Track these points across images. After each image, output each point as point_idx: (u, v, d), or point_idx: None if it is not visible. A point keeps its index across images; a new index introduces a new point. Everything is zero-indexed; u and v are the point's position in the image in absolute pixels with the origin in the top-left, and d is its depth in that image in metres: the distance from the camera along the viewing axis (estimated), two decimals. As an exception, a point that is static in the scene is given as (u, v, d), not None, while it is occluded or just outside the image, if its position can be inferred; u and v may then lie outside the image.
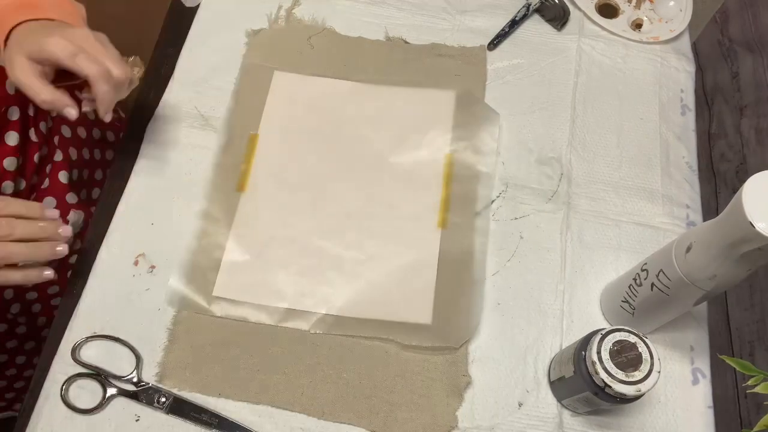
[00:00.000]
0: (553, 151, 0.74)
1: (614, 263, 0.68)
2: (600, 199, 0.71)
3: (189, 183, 0.68)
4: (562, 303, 0.65)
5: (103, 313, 0.62)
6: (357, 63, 0.77)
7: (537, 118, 0.76)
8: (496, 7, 0.83)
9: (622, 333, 0.52)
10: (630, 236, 0.69)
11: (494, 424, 0.60)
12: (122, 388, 0.59)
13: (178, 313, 0.62)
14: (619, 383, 0.51)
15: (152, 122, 0.72)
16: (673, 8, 0.84)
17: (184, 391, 0.59)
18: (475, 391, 0.61)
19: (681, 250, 0.52)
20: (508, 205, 0.70)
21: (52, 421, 0.57)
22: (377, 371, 0.61)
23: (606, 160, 0.74)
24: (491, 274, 0.66)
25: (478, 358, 0.62)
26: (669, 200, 0.72)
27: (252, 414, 0.59)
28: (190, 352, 0.61)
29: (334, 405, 0.59)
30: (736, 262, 0.48)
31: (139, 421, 0.58)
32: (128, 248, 0.65)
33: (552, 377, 0.61)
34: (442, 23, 0.81)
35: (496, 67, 0.79)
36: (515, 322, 0.64)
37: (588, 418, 0.60)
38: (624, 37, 0.82)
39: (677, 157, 0.75)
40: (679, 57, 0.81)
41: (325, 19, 0.80)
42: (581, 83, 0.78)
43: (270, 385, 0.60)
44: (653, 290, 0.56)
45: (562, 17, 0.82)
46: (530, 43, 0.81)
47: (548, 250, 0.68)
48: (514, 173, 0.72)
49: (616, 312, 0.63)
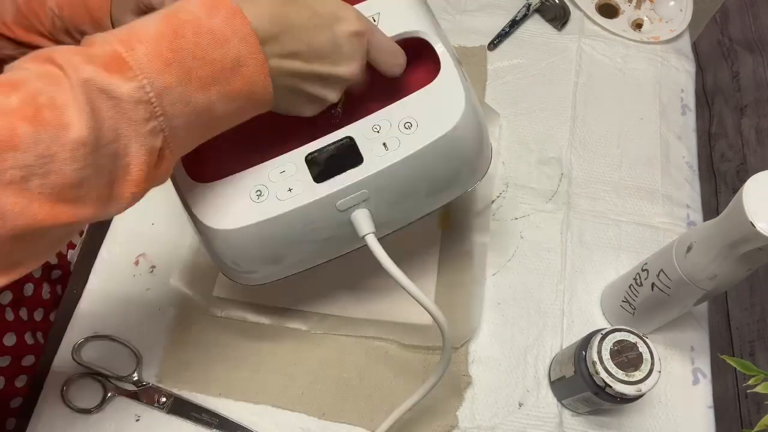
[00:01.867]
0: (554, 151, 0.74)
1: (614, 263, 0.68)
2: (600, 199, 0.71)
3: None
4: (563, 303, 0.65)
5: (103, 313, 0.62)
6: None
7: (537, 118, 0.76)
8: (496, 7, 0.83)
9: (623, 333, 0.52)
10: (630, 236, 0.69)
11: (494, 424, 0.60)
12: (122, 388, 0.59)
13: (178, 313, 0.62)
14: (620, 383, 0.51)
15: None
16: (673, 8, 0.84)
17: (184, 391, 0.59)
18: (475, 391, 0.61)
19: (681, 250, 0.52)
20: (508, 205, 0.70)
21: (52, 421, 0.57)
22: (377, 371, 0.61)
23: (606, 159, 0.74)
24: (491, 274, 0.66)
25: (478, 358, 0.62)
26: (669, 200, 0.72)
27: (252, 414, 0.59)
28: (190, 352, 0.61)
29: (334, 405, 0.59)
30: (736, 262, 0.48)
31: (140, 421, 0.58)
32: (129, 248, 0.65)
33: (552, 377, 0.61)
34: (442, 23, 0.81)
35: (496, 67, 0.79)
36: (515, 322, 0.64)
37: (588, 418, 0.60)
38: (624, 37, 0.82)
39: (677, 157, 0.75)
40: (679, 57, 0.81)
41: (326, 19, 0.80)
42: (581, 83, 0.78)
43: (270, 385, 0.60)
44: (653, 290, 0.56)
45: (563, 17, 0.82)
46: (530, 43, 0.81)
47: (548, 250, 0.68)
48: (515, 173, 0.72)
49: (617, 312, 0.63)
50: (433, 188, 0.49)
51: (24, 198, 0.30)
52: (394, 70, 0.45)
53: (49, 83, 0.30)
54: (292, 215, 0.44)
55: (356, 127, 0.45)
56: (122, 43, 0.32)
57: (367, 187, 0.44)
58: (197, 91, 0.34)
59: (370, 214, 0.45)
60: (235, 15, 0.34)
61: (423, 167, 0.46)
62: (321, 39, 0.39)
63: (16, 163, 0.29)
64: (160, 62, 0.33)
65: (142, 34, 0.33)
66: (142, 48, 0.32)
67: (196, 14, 0.34)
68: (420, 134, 0.44)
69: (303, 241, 0.47)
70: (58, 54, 0.31)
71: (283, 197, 0.44)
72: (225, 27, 0.34)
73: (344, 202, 0.44)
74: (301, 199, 0.44)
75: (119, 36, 0.33)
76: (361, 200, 0.45)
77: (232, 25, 0.34)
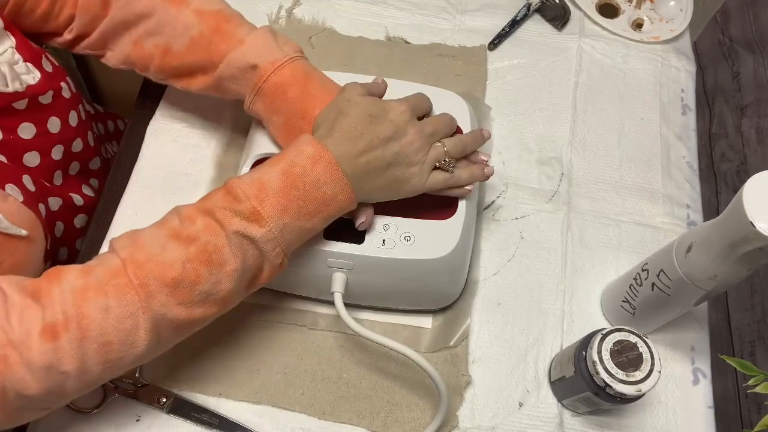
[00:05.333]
0: (554, 151, 0.74)
1: (615, 263, 0.68)
2: (600, 199, 0.71)
3: (189, 183, 0.68)
4: (563, 303, 0.65)
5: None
6: (357, 63, 0.77)
7: (537, 118, 0.76)
8: (496, 7, 0.83)
9: (623, 333, 0.52)
10: (630, 236, 0.69)
11: (495, 424, 0.60)
12: (122, 388, 0.59)
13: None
14: (620, 383, 0.51)
15: (152, 122, 0.72)
16: (673, 8, 0.84)
17: (184, 391, 0.59)
18: (475, 391, 0.61)
19: (681, 250, 0.52)
20: (509, 205, 0.70)
21: (52, 421, 0.57)
22: (378, 371, 0.61)
23: (606, 159, 0.74)
24: (491, 274, 0.66)
25: (478, 358, 0.62)
26: (669, 200, 0.72)
27: (252, 414, 0.59)
28: (190, 352, 0.61)
29: (334, 405, 0.59)
30: (736, 262, 0.48)
31: (140, 421, 0.58)
32: (128, 248, 0.65)
33: (552, 377, 0.61)
34: (443, 23, 0.81)
35: (497, 67, 0.79)
36: (516, 322, 0.64)
37: (588, 418, 0.60)
38: (624, 37, 0.82)
39: (678, 157, 0.75)
40: (679, 57, 0.81)
41: (326, 19, 0.80)
42: (582, 83, 0.78)
43: (270, 385, 0.60)
44: (654, 290, 0.56)
45: (563, 17, 0.82)
46: (531, 43, 0.81)
47: (549, 250, 0.68)
48: (515, 173, 0.72)
49: (617, 312, 0.63)
50: (400, 290, 0.60)
51: (204, 309, 0.48)
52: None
53: (213, 235, 0.46)
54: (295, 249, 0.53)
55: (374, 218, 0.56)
56: (257, 199, 0.47)
57: (354, 261, 0.55)
58: (305, 221, 0.49)
59: (345, 279, 0.56)
60: (330, 164, 0.49)
61: (401, 272, 0.57)
62: (390, 149, 0.52)
63: (202, 290, 0.46)
64: (281, 209, 0.48)
65: (269, 190, 0.48)
66: (269, 201, 0.47)
67: (304, 167, 0.49)
68: (412, 249, 0.56)
69: (293, 272, 0.56)
70: (218, 211, 0.47)
71: None
72: (324, 174, 0.49)
73: (333, 262, 0.56)
74: (307, 242, 0.53)
75: (254, 191, 0.47)
76: (345, 267, 0.56)
77: (329, 172, 0.49)
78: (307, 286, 0.62)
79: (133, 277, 0.45)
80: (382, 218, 0.56)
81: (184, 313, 0.46)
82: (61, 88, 0.62)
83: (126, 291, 0.44)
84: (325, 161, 0.49)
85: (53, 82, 0.61)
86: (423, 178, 0.54)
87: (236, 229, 0.46)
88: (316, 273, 0.57)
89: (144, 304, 0.45)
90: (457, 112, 0.61)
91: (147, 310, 0.45)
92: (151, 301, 0.45)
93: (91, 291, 0.44)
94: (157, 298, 0.45)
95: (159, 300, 0.45)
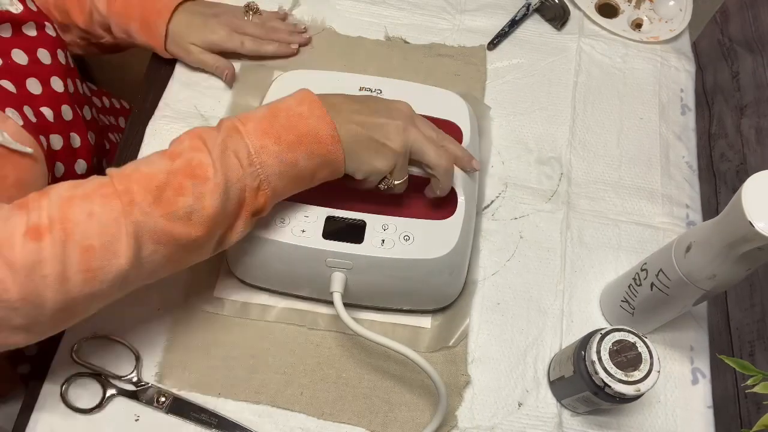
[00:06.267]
0: (553, 151, 0.74)
1: (614, 263, 0.68)
2: (600, 199, 0.71)
3: (189, 183, 0.68)
4: (562, 303, 0.65)
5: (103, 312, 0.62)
6: (357, 63, 0.77)
7: (537, 118, 0.76)
8: (496, 7, 0.83)
9: (622, 333, 0.53)
10: (630, 236, 0.69)
11: (494, 424, 0.60)
12: (122, 388, 0.59)
13: (178, 313, 0.62)
14: (619, 383, 0.51)
15: (152, 122, 0.72)
16: (673, 8, 0.84)
17: (184, 391, 0.59)
18: (474, 391, 0.61)
19: (681, 250, 0.52)
20: (508, 205, 0.70)
21: (52, 421, 0.57)
22: (377, 371, 0.61)
23: (606, 159, 0.74)
24: (491, 273, 0.66)
25: (477, 357, 0.62)
26: (669, 200, 0.72)
27: (252, 414, 0.59)
28: (190, 352, 0.61)
29: (334, 405, 0.60)
30: (735, 261, 0.48)
31: (139, 421, 0.58)
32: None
33: (552, 377, 0.61)
34: (442, 23, 0.81)
35: (496, 67, 0.79)
36: (515, 322, 0.64)
37: (588, 417, 0.60)
38: (624, 37, 0.82)
39: (677, 157, 0.75)
40: (679, 57, 0.81)
41: (325, 19, 0.80)
42: (581, 83, 0.78)
43: (270, 385, 0.60)
44: (653, 290, 0.56)
45: (562, 17, 0.82)
46: (530, 43, 0.81)
47: (548, 249, 0.68)
48: (514, 173, 0.72)
49: (616, 312, 0.63)
50: (400, 289, 0.60)
51: (186, 227, 0.47)
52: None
53: (197, 151, 0.48)
54: (294, 248, 0.56)
55: (373, 217, 0.57)
56: (239, 120, 0.49)
57: (353, 261, 0.56)
58: (286, 151, 0.49)
59: (345, 279, 0.57)
60: (314, 103, 0.51)
61: (400, 271, 0.57)
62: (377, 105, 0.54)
63: (185, 204, 0.46)
64: (260, 132, 0.49)
65: (252, 116, 0.50)
66: (251, 124, 0.49)
67: (289, 104, 0.51)
68: (411, 249, 0.56)
69: (292, 271, 0.58)
70: (204, 132, 0.49)
71: (296, 233, 0.56)
72: (307, 111, 0.50)
73: (332, 261, 0.56)
74: (306, 241, 0.55)
75: (240, 117, 0.50)
76: (345, 267, 0.56)
77: (312, 109, 0.50)
78: (306, 285, 0.62)
79: (118, 185, 0.46)
80: (381, 218, 0.57)
81: (166, 225, 0.46)
82: (45, 25, 0.63)
83: (110, 198, 0.45)
84: (309, 100, 0.51)
85: (36, 17, 0.62)
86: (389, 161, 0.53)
87: (219, 142, 0.48)
88: (316, 273, 0.57)
89: (126, 209, 0.45)
90: (457, 112, 0.61)
91: (129, 214, 0.45)
92: (134, 208, 0.45)
93: (77, 198, 0.45)
94: (139, 206, 0.45)
95: (141, 208, 0.45)
